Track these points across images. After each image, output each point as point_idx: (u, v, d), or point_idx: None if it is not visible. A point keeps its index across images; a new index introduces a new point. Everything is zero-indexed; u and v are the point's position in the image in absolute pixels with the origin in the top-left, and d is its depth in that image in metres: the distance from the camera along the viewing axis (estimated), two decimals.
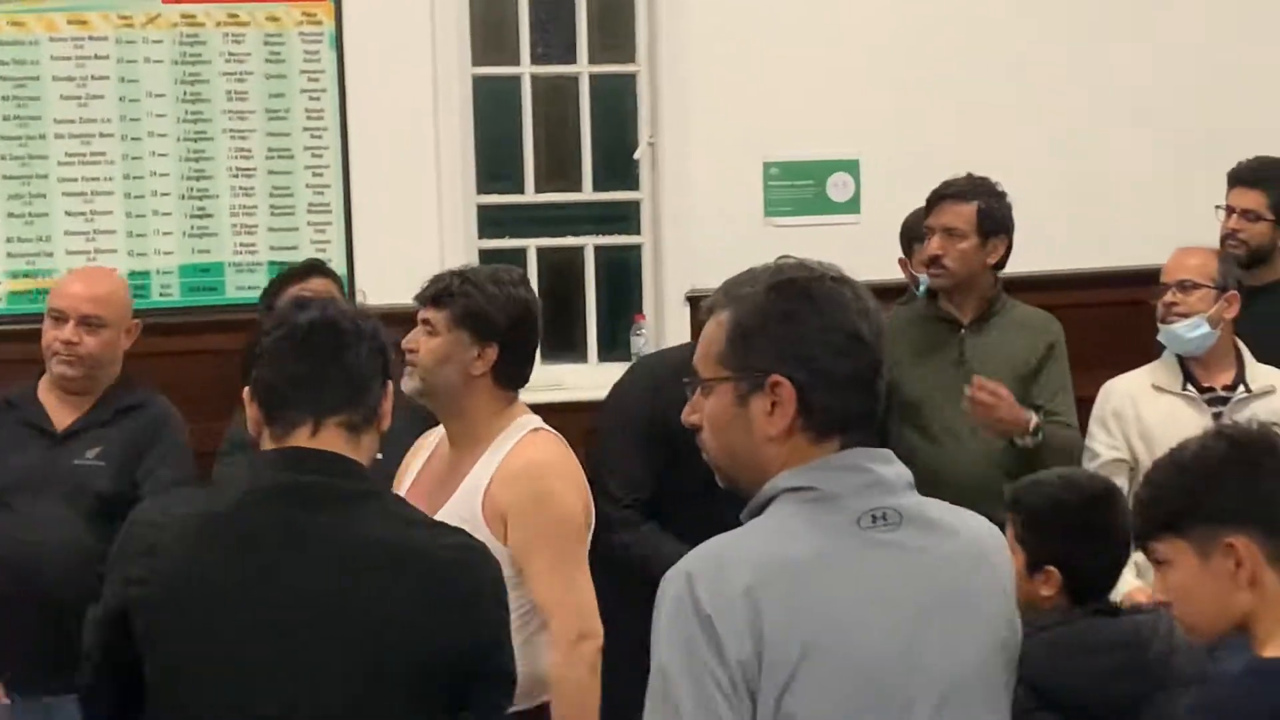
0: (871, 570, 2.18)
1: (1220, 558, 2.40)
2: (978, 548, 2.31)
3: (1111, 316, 5.84)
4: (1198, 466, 2.45)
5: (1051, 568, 3.16)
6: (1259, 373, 4.67)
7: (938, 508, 2.32)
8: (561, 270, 6.37)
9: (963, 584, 2.24)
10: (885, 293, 5.21)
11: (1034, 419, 4.63)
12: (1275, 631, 2.38)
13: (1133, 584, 3.97)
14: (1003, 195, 4.82)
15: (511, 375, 3.62)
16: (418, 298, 3.64)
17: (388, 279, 5.44)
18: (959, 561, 2.25)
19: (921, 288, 4.95)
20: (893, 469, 2.26)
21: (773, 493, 2.22)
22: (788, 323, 2.23)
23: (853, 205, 6.21)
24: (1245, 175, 5.41)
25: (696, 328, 5.81)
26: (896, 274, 5.21)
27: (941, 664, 2.18)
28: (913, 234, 5.29)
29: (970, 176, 4.86)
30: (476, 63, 6.18)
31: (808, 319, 2.23)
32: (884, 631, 2.16)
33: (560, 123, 6.35)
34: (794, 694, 2.09)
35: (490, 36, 6.25)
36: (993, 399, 4.56)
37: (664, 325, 6.22)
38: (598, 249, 6.36)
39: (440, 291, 3.59)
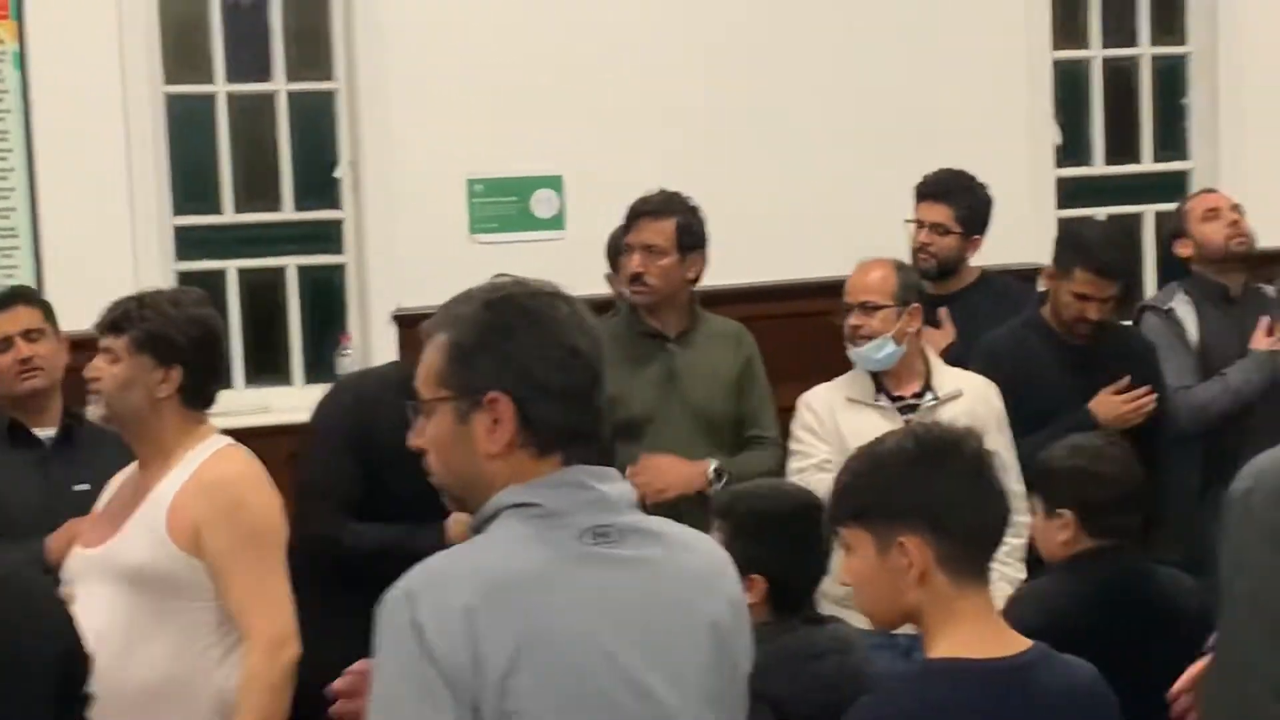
0: (595, 586, 2.17)
1: (895, 553, 2.47)
2: (705, 563, 2.31)
3: (809, 327, 5.94)
4: (886, 463, 2.53)
5: (757, 576, 3.19)
6: (946, 378, 4.80)
7: (662, 524, 2.31)
8: (264, 292, 6.25)
9: (688, 598, 2.24)
10: (593, 308, 5.28)
11: (710, 465, 4.70)
12: (942, 632, 2.47)
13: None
14: (698, 210, 4.87)
15: (198, 396, 3.61)
16: (97, 326, 3.60)
17: (80, 304, 5.24)
18: (685, 576, 2.26)
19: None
20: (616, 486, 2.25)
21: (495, 509, 2.20)
22: (504, 339, 2.21)
23: (557, 221, 6.22)
24: (932, 189, 5.54)
25: (403, 346, 5.80)
26: (604, 289, 5.23)
27: (663, 682, 2.18)
28: (618, 249, 5.32)
29: (665, 192, 4.89)
30: (169, 81, 6.03)
31: (524, 335, 2.21)
32: (607, 648, 2.14)
33: (259, 142, 6.23)
34: (516, 710, 2.07)
35: (183, 54, 6.10)
36: (651, 481, 4.60)
37: (370, 345, 6.14)
38: (301, 269, 6.25)
39: (118, 317, 3.57)
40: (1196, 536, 4.70)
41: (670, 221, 4.80)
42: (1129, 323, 5.53)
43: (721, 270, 5.15)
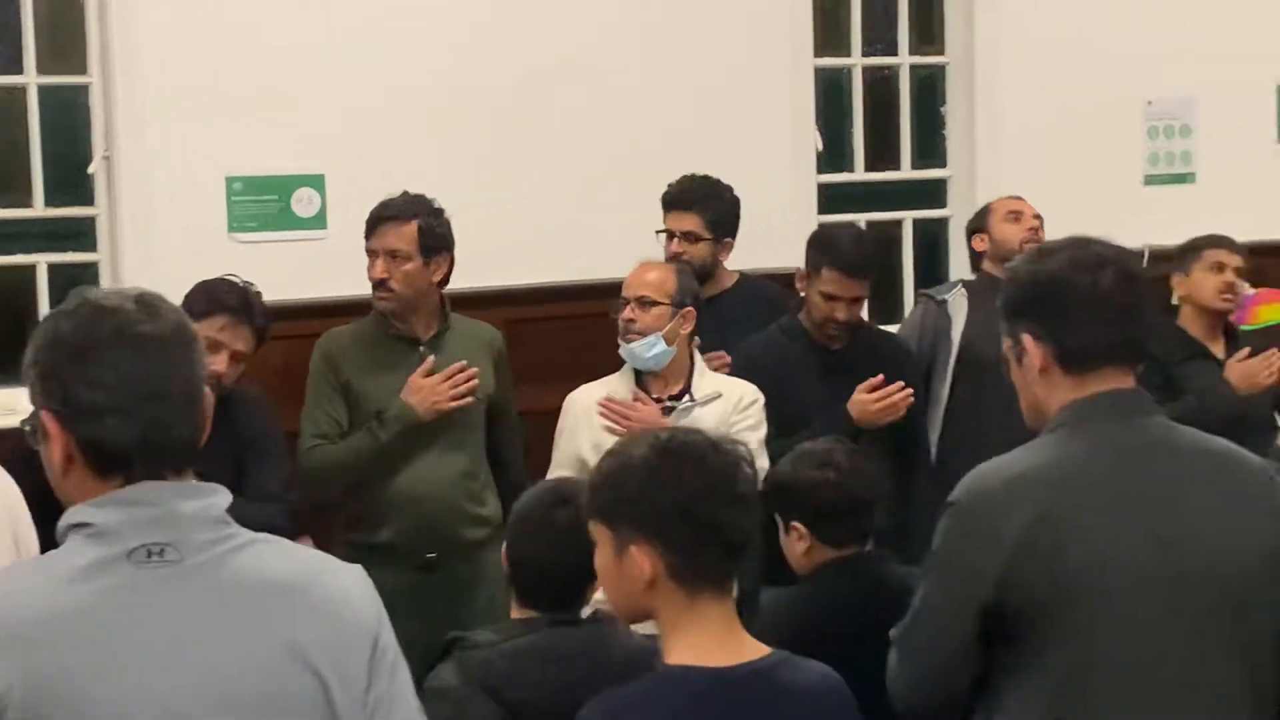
0: (134, 612, 2.05)
1: (627, 559, 2.50)
2: (294, 575, 2.16)
3: (569, 330, 5.94)
4: (628, 469, 2.54)
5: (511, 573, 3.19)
6: (705, 382, 4.84)
7: (257, 537, 2.17)
8: (13, 290, 6.05)
9: (257, 617, 2.09)
10: (355, 308, 5.23)
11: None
12: (677, 639, 2.48)
13: None
14: (441, 212, 4.86)
15: None
16: None
17: None
18: (259, 592, 2.11)
19: None
20: (197, 502, 2.12)
21: (62, 530, 2.11)
22: (47, 355, 2.14)
23: (319, 221, 6.12)
24: (677, 198, 5.57)
25: None
26: (366, 290, 5.17)
27: (209, 711, 2.06)
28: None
29: (407, 195, 4.87)
30: None
31: (61, 352, 2.13)
32: (141, 680, 2.02)
33: (8, 136, 6.03)
34: None
35: None
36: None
37: None
38: (52, 267, 6.07)
39: None
40: None
41: (412, 225, 4.78)
42: (890, 327, 5.64)
43: (485, 272, 5.13)
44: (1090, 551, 2.65)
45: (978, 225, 5.84)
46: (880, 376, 5.04)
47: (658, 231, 5.55)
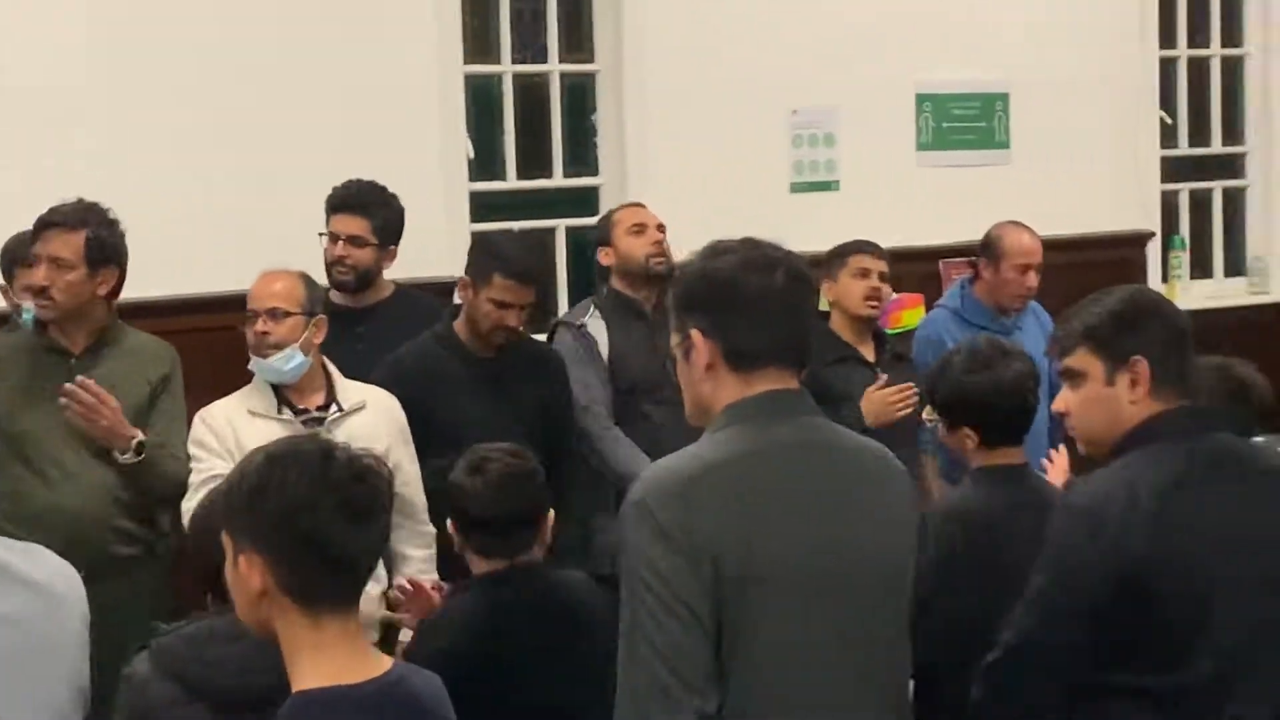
0: None
1: (241, 569, 2.44)
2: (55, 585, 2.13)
3: (224, 341, 5.75)
4: (245, 476, 2.46)
5: None
6: (349, 391, 4.74)
7: None
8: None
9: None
10: None
11: (139, 435, 4.58)
12: (303, 663, 2.42)
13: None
14: (115, 223, 4.67)
15: None
16: None
17: None
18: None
19: (26, 316, 4.71)
20: None
21: None
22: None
23: None
24: (346, 201, 5.46)
25: None
26: None
27: None
28: (13, 258, 5.03)
29: (80, 203, 4.68)
30: None
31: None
32: None
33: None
34: None
35: None
36: (94, 403, 4.47)
37: None
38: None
39: None
40: None
41: (80, 234, 4.60)
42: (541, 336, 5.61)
43: (147, 282, 4.94)
44: (765, 547, 2.68)
45: (602, 238, 5.76)
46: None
47: (320, 233, 5.42)
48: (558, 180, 7.23)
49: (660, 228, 5.69)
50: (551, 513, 3.87)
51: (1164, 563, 3.05)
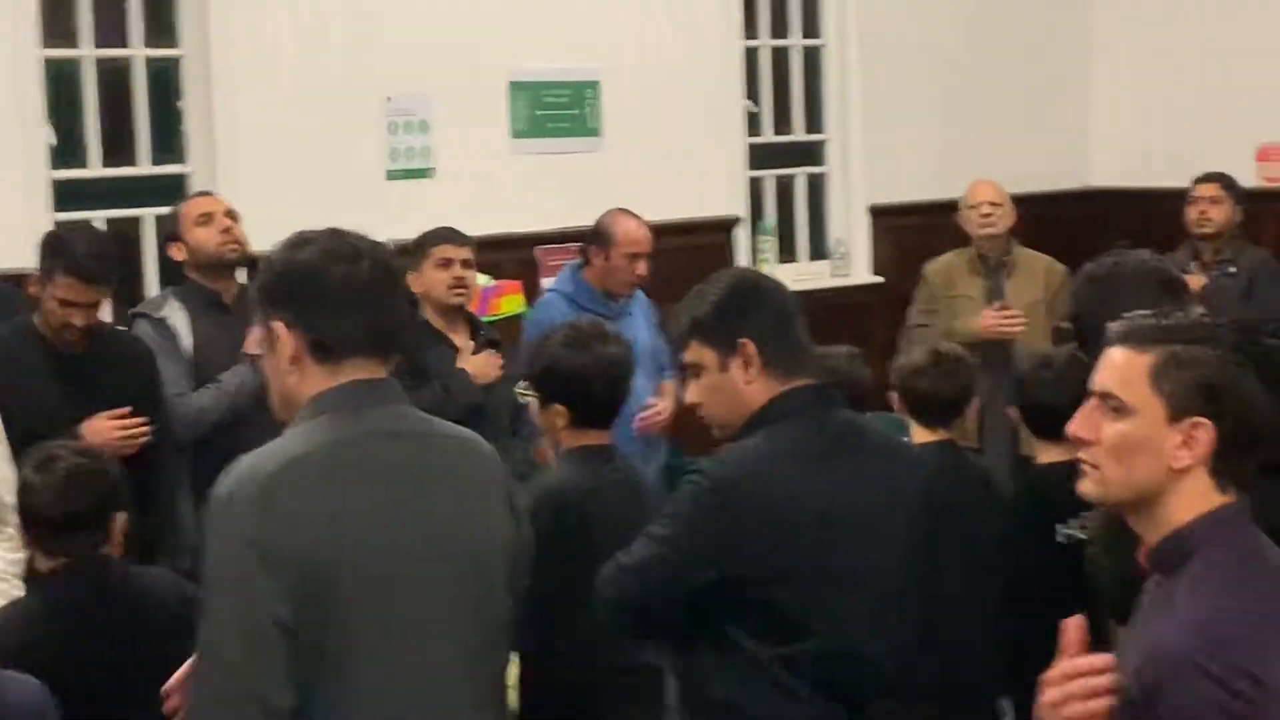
0: None
1: None
2: None
3: None
4: None
5: None
6: None
7: None
8: None
9: None
10: None
11: None
12: None
13: None
14: None
15: None
16: None
17: None
18: None
19: None
20: None
21: None
22: None
23: None
24: None
25: None
26: None
27: None
28: None
29: None
30: None
31: None
32: None
33: None
34: None
35: None
36: None
37: None
38: None
39: None
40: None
41: None
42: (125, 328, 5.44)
43: None
44: (353, 538, 2.66)
45: (172, 232, 5.60)
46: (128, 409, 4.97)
47: None
48: (144, 168, 7.02)
49: (230, 214, 5.57)
50: (122, 514, 3.76)
51: (791, 534, 3.20)
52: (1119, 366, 2.47)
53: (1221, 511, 2.43)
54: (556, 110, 7.79)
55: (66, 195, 6.72)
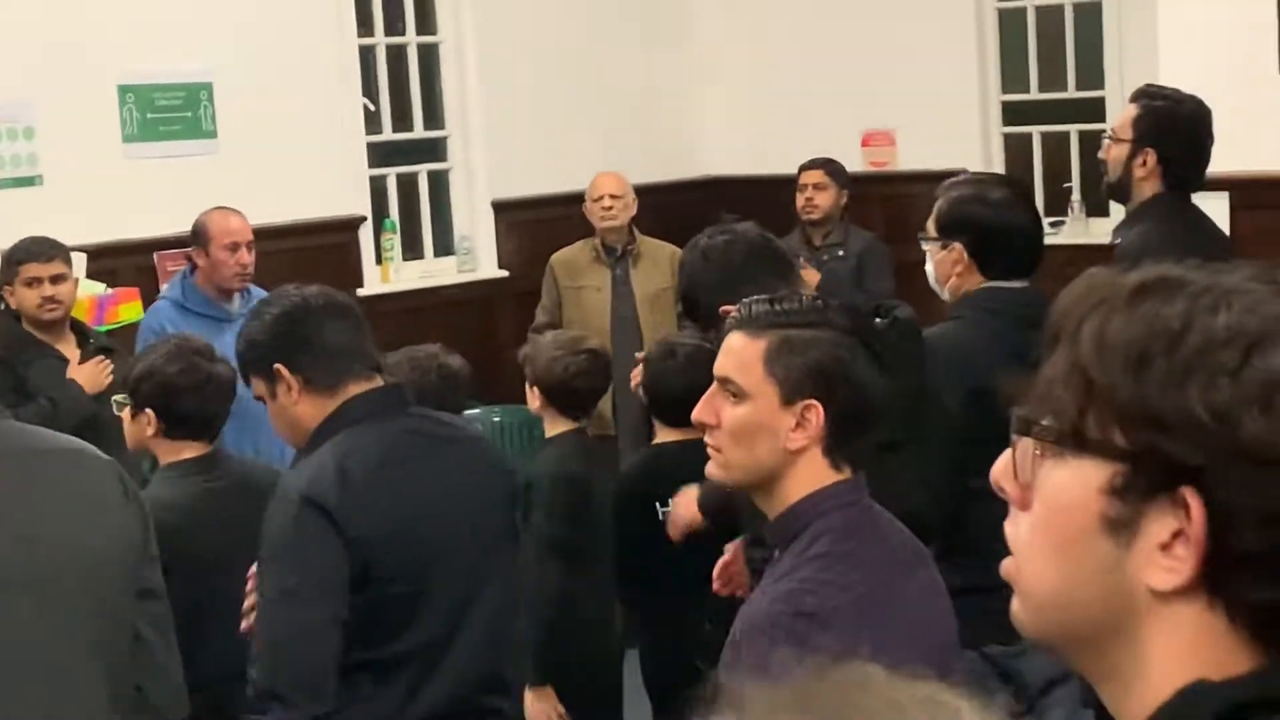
0: None
1: None
2: None
3: None
4: None
5: None
6: None
7: None
8: None
9: None
10: None
11: None
12: None
13: None
14: None
15: None
16: None
17: None
18: None
19: None
20: None
21: None
22: None
23: None
24: None
25: None
26: None
27: None
28: None
29: None
30: None
31: None
32: None
33: None
34: None
35: None
36: None
37: None
38: None
39: None
40: None
41: None
42: None
43: None
44: None
45: None
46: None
47: None
48: None
49: None
50: None
51: (387, 541, 3.16)
52: (736, 352, 2.55)
53: (833, 488, 2.52)
54: (170, 113, 7.60)
55: None
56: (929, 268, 3.98)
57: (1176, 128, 4.70)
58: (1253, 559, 1.22)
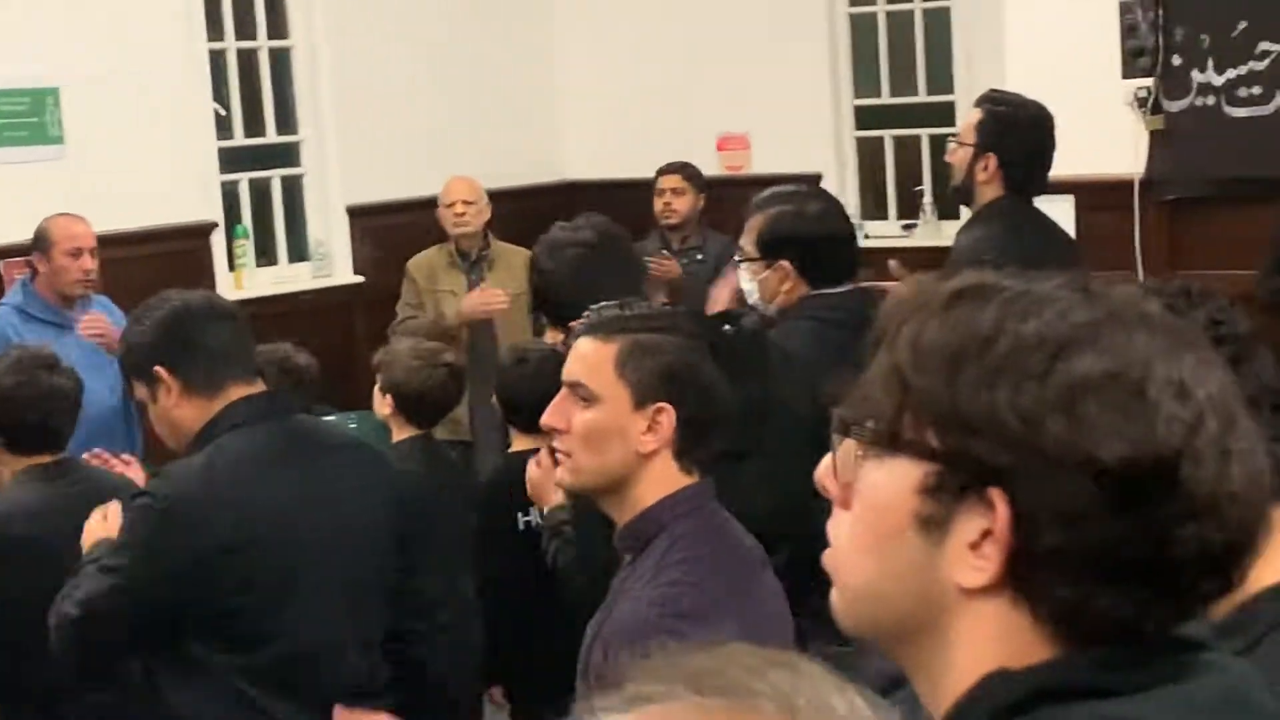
0: None
1: None
2: None
3: None
4: None
5: None
6: None
7: None
8: None
9: None
10: None
11: None
12: None
13: None
14: None
15: None
16: None
17: None
18: None
19: None
20: None
21: None
22: None
23: None
24: None
25: None
26: None
27: None
28: None
29: None
30: None
31: None
32: None
33: None
34: None
35: None
36: None
37: None
38: None
39: None
40: None
41: None
42: None
43: None
44: None
45: None
46: None
47: None
48: None
49: None
50: None
51: (251, 545, 3.15)
52: (586, 356, 2.56)
53: (685, 491, 2.54)
54: (15, 119, 7.45)
55: None
56: (748, 286, 3.94)
57: (1018, 132, 4.78)
58: (1054, 558, 1.26)
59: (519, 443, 4.64)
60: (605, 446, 2.52)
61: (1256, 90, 6.79)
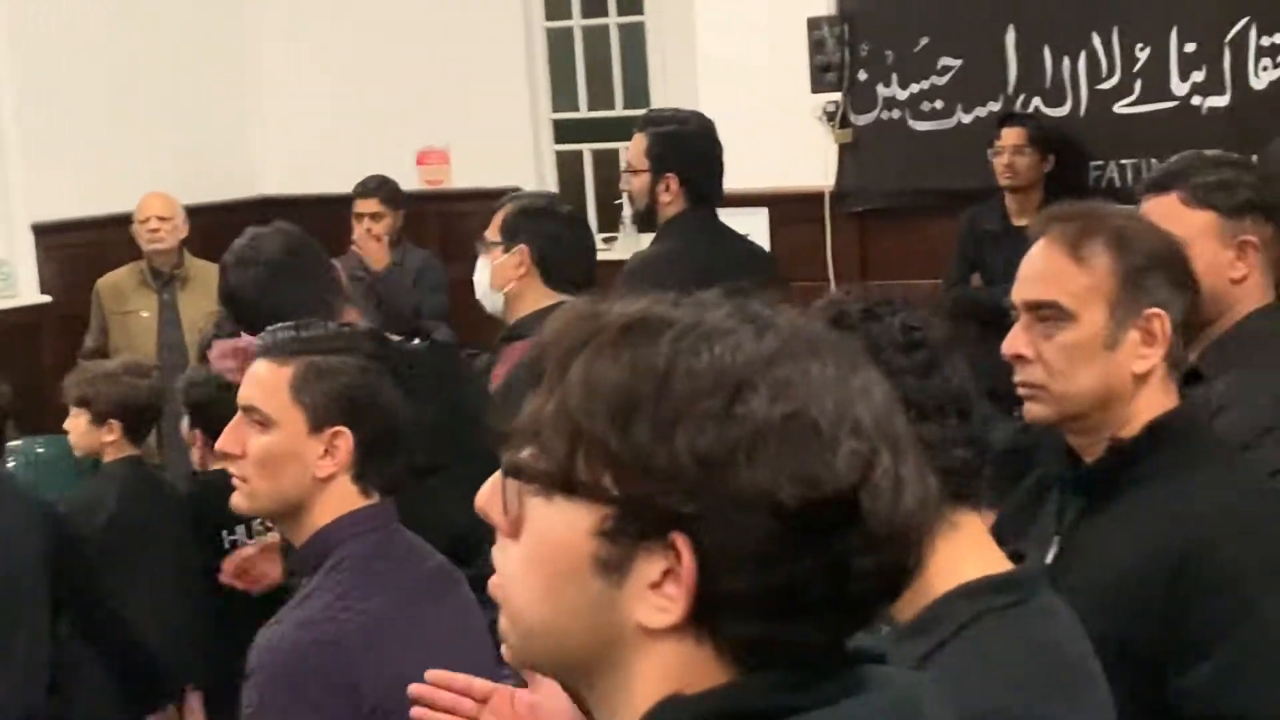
0: None
1: None
2: None
3: None
4: None
5: None
6: None
7: None
8: None
9: None
10: None
11: None
12: None
13: None
14: None
15: None
16: None
17: None
18: None
19: None
20: None
21: None
22: None
23: None
24: None
25: None
26: None
27: None
28: None
29: None
30: None
31: None
32: None
33: None
34: None
35: None
36: None
37: None
38: None
39: None
40: None
41: None
42: None
43: None
44: None
45: None
46: None
47: None
48: None
49: None
50: None
51: None
52: (261, 380, 2.51)
53: (359, 513, 2.51)
54: None
55: None
56: (482, 275, 3.95)
57: (688, 147, 4.82)
58: (736, 598, 1.25)
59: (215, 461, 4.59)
60: (280, 471, 2.48)
61: (939, 104, 7.00)
